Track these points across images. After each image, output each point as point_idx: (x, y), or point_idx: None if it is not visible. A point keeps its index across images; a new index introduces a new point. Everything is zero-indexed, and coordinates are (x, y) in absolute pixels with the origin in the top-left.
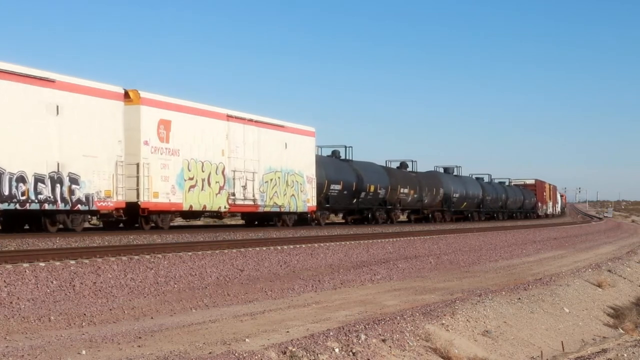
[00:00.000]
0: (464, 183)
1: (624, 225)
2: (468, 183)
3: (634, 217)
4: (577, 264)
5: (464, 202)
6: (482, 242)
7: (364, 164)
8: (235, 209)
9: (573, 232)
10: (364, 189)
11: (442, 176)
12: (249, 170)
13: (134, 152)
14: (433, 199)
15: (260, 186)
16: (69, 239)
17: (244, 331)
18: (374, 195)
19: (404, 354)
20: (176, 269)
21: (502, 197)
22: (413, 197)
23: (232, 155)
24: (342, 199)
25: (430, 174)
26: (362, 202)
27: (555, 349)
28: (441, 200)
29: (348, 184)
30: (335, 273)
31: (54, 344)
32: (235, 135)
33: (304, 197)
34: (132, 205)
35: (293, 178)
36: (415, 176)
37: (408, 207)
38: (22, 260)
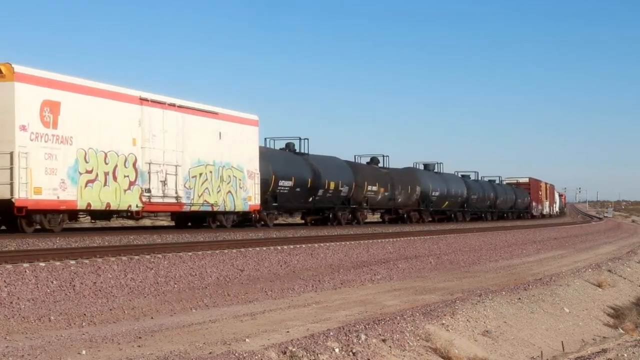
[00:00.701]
0: (445, 181)
1: (624, 225)
2: (450, 181)
3: (634, 217)
4: (577, 264)
5: (445, 201)
6: (482, 242)
7: (322, 158)
8: (151, 208)
9: (573, 232)
10: (322, 186)
11: (420, 173)
12: (170, 162)
13: (7, 139)
14: (408, 198)
15: (186, 182)
16: (69, 239)
17: (244, 331)
18: (334, 193)
19: (404, 354)
20: (176, 269)
21: (490, 196)
22: (383, 195)
23: (147, 145)
24: (294, 197)
25: (406, 170)
26: (321, 201)
27: (555, 349)
28: (418, 199)
29: (301, 180)
30: (336, 273)
31: (54, 344)
32: (152, 122)
33: (244, 195)
34: (5, 203)
35: (230, 173)
36: (387, 172)
37: (378, 206)
38: (22, 260)
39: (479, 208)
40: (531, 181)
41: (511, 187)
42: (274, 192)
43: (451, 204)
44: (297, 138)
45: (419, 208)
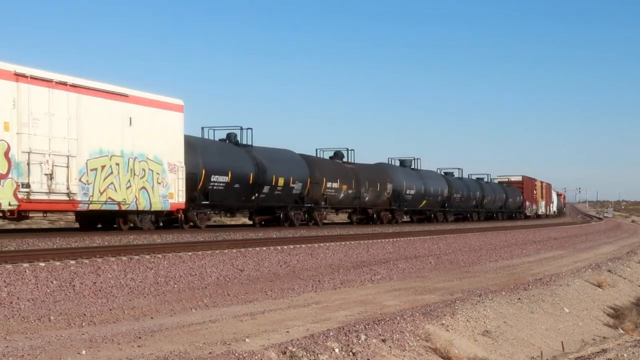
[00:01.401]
0: (422, 178)
1: (624, 225)
2: (429, 178)
3: (634, 217)
4: (577, 264)
5: (423, 200)
6: (482, 242)
7: (271, 150)
8: (31, 207)
9: (573, 232)
10: (268, 182)
11: (392, 169)
12: (59, 152)
13: None
14: (377, 196)
15: (83, 175)
16: (69, 239)
17: (244, 331)
18: (285, 191)
19: (404, 354)
20: (176, 269)
21: (476, 194)
22: (347, 193)
23: (25, 131)
24: (232, 194)
25: (376, 166)
26: (267, 199)
27: (555, 349)
28: (389, 197)
29: (241, 175)
30: (335, 273)
31: (54, 344)
32: (33, 103)
33: (164, 191)
34: None
35: (144, 165)
36: (352, 168)
37: (340, 205)
38: (22, 260)
39: (463, 208)
40: (524, 179)
41: (501, 186)
42: (204, 189)
43: (430, 203)
44: (239, 128)
45: (390, 207)
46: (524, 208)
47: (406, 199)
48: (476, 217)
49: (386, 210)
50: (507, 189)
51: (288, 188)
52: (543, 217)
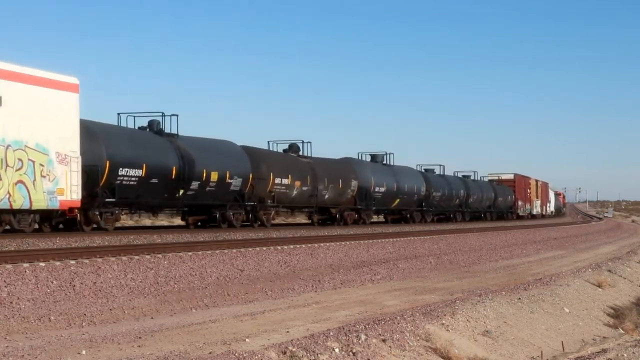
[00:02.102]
0: (395, 174)
1: (624, 225)
2: (404, 175)
3: (634, 217)
4: (577, 264)
5: (396, 199)
6: (482, 242)
7: (202, 141)
8: None
9: (573, 232)
10: (197, 177)
11: (358, 164)
12: None
13: None
14: (340, 194)
15: None
16: (69, 239)
17: (244, 331)
18: (220, 187)
19: (404, 354)
20: (176, 269)
21: (459, 193)
22: (301, 190)
23: None
24: (148, 190)
25: (340, 161)
26: (198, 196)
27: (555, 349)
28: (355, 195)
29: (160, 168)
30: (335, 273)
31: (54, 344)
32: None
33: (51, 187)
34: None
35: (22, 155)
36: (309, 163)
37: (292, 204)
38: (22, 260)
39: (444, 207)
40: (517, 178)
41: (490, 184)
42: (110, 184)
43: (404, 202)
44: (160, 114)
45: (355, 206)
46: (516, 208)
47: (375, 197)
48: (460, 218)
49: (351, 209)
50: (496, 187)
51: (224, 184)
52: (538, 218)
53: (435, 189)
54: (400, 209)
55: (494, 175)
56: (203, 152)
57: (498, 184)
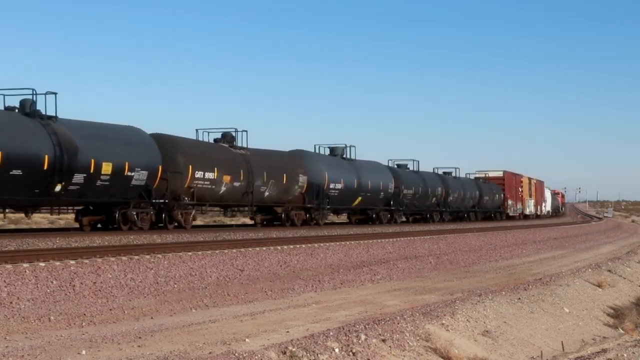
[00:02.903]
0: (357, 169)
1: (624, 225)
2: (367, 170)
3: (634, 217)
4: (577, 264)
5: (357, 197)
6: (482, 242)
7: (92, 126)
8: None
9: (573, 232)
10: (81, 168)
11: (310, 157)
12: None
13: None
14: (284, 191)
15: None
16: (69, 239)
17: (244, 331)
18: (115, 181)
19: (404, 354)
20: (176, 269)
21: (437, 191)
22: (231, 186)
23: None
24: (8, 184)
25: (287, 154)
26: (85, 192)
27: (555, 349)
28: (303, 192)
29: (25, 157)
30: (335, 273)
31: (54, 344)
32: None
33: None
34: None
35: None
36: (243, 154)
37: (222, 201)
38: (22, 260)
39: (418, 206)
40: (506, 175)
41: (474, 182)
42: None
43: (368, 200)
44: (32, 92)
45: (304, 205)
46: (506, 207)
47: (330, 195)
48: (438, 218)
49: (300, 208)
50: (482, 185)
51: (122, 178)
52: (532, 218)
53: (406, 186)
54: (363, 208)
55: (482, 172)
56: (92, 139)
57: (485, 182)
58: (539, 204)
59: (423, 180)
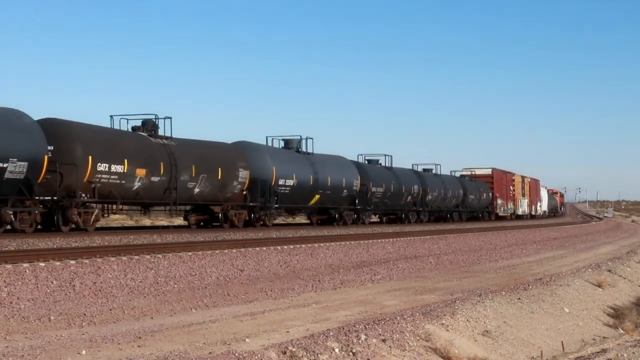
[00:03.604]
0: (313, 164)
1: (624, 225)
2: (327, 165)
3: (634, 217)
4: (577, 264)
5: (315, 195)
6: (482, 242)
7: None
8: None
9: (573, 232)
10: None
11: (254, 150)
12: None
13: None
14: (219, 187)
15: None
16: (69, 239)
17: (244, 331)
18: None
19: (404, 354)
20: (176, 269)
21: (412, 189)
22: (148, 181)
23: None
24: None
25: (224, 145)
26: None
27: (555, 349)
28: (244, 189)
29: None
30: (335, 273)
31: (54, 344)
32: None
33: None
34: None
35: None
36: (165, 145)
37: (137, 199)
38: (22, 260)
39: (390, 206)
40: (495, 173)
41: (458, 180)
42: None
43: (328, 198)
44: None
45: (246, 203)
46: (495, 207)
47: (279, 192)
48: (415, 218)
49: (241, 207)
50: (467, 183)
51: None
52: (526, 218)
53: (375, 183)
54: (323, 207)
55: (469, 169)
56: None
57: (471, 180)
58: (534, 203)
59: (396, 177)
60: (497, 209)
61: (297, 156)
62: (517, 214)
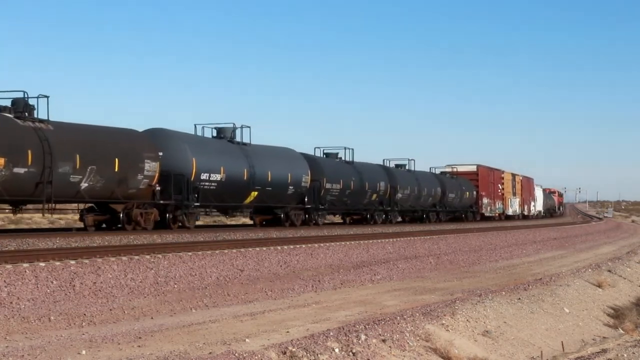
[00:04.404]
0: (249, 156)
1: (624, 225)
2: (267, 158)
3: (634, 217)
4: (577, 264)
5: (251, 192)
6: (482, 242)
7: None
8: None
9: (573, 232)
10: None
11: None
12: None
13: None
14: (118, 183)
15: None
16: (69, 239)
17: (244, 331)
18: None
19: (404, 354)
20: (176, 269)
21: (378, 186)
22: (10, 173)
23: None
24: None
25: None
26: None
27: (555, 349)
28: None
29: None
30: (335, 273)
31: (54, 344)
32: None
33: None
34: None
35: None
36: (37, 129)
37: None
38: (22, 260)
39: (350, 205)
40: (480, 170)
41: (435, 176)
42: None
43: (270, 196)
44: None
45: (156, 201)
46: (480, 206)
47: (201, 188)
48: (382, 218)
49: (151, 205)
50: (446, 180)
51: None
52: (517, 219)
53: (330, 179)
54: (264, 206)
55: (451, 166)
56: None
57: (452, 177)
58: (526, 203)
59: (357, 173)
60: (483, 208)
61: (229, 147)
62: (507, 214)
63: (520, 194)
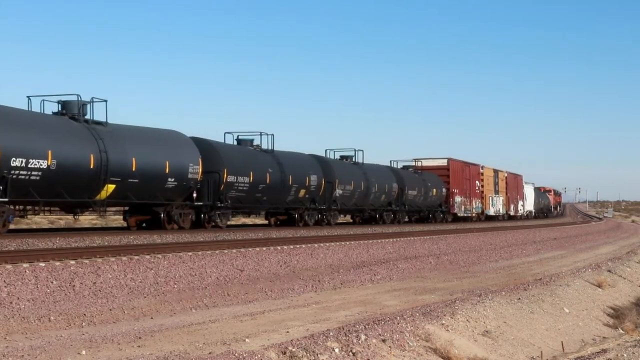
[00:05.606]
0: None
1: (624, 225)
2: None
3: (634, 217)
4: (577, 264)
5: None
6: (482, 242)
7: None
8: None
9: (573, 232)
10: None
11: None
12: None
13: None
14: None
15: None
16: (69, 239)
17: (244, 331)
18: None
19: (404, 354)
20: (176, 269)
21: (309, 181)
22: None
23: None
24: None
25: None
26: None
27: (555, 349)
28: None
29: None
30: (335, 273)
31: (54, 344)
32: None
33: None
34: None
35: None
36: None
37: None
38: (22, 260)
39: (270, 203)
40: (452, 164)
41: (391, 171)
42: None
43: (137, 189)
44: None
45: (26, 200)
46: (451, 205)
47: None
48: (315, 219)
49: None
50: (406, 175)
51: None
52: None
53: (234, 171)
54: (135, 203)
55: (420, 160)
56: None
57: (416, 172)
58: (513, 202)
59: (278, 164)
60: (455, 208)
61: (67, 124)
62: (488, 215)
63: (505, 192)
